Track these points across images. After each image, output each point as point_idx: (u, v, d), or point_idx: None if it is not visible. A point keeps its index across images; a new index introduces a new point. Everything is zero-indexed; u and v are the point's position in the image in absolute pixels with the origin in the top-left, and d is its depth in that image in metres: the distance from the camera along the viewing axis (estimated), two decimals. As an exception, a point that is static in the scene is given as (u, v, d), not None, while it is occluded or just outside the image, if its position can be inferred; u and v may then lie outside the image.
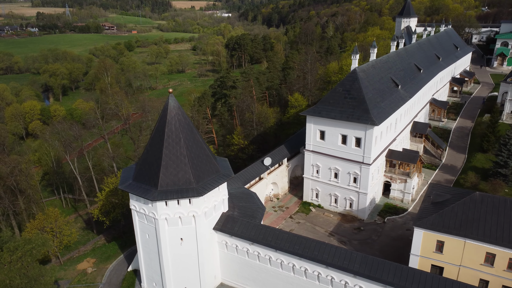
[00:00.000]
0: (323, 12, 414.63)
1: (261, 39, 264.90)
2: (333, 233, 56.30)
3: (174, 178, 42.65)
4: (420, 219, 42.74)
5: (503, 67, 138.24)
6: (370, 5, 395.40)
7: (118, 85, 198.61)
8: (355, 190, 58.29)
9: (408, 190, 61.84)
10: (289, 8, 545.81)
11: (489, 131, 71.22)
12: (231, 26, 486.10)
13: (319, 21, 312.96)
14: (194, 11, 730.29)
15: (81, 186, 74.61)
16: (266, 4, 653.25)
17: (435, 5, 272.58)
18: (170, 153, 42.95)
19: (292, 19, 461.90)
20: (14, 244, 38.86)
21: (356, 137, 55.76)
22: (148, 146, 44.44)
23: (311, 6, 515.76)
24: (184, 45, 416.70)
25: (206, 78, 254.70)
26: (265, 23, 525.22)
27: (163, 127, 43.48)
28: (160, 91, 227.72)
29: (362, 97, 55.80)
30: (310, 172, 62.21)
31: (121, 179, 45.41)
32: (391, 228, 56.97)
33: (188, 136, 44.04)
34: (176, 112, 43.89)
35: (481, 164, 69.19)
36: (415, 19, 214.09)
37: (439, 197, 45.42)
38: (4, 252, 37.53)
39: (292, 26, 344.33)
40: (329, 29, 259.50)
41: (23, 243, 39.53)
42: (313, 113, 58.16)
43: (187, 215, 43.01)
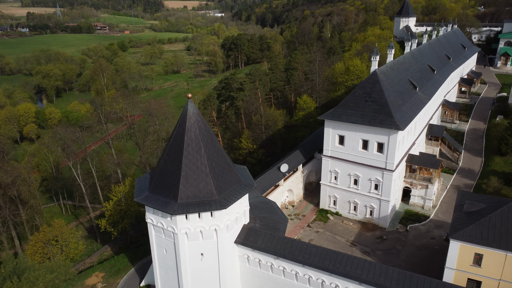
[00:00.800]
0: (318, 12, 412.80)
1: (257, 39, 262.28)
2: (355, 243, 53.80)
3: (195, 189, 39.73)
4: (456, 231, 40.37)
5: (507, 67, 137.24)
6: (365, 4, 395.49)
7: (114, 86, 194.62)
8: (376, 198, 55.86)
9: (429, 196, 59.59)
10: (283, 8, 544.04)
11: (507, 133, 69.30)
12: (225, 26, 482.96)
13: (316, 20, 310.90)
14: (186, 11, 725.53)
15: (84, 194, 71.23)
16: (259, 4, 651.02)
17: (431, 5, 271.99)
18: (190, 162, 40.04)
19: (287, 19, 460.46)
20: (35, 274, 34.79)
21: (379, 142, 53.31)
22: (166, 155, 41.46)
23: (305, 5, 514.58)
24: (178, 45, 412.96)
25: (203, 78, 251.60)
26: (259, 23, 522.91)
27: (182, 135, 40.55)
28: (157, 92, 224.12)
29: (384, 100, 53.37)
30: (328, 179, 59.66)
31: (136, 191, 42.42)
32: (415, 236, 54.63)
33: (208, 144, 41.18)
34: (196, 118, 40.99)
35: (501, 168, 67.28)
36: (414, 18, 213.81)
37: (472, 206, 43.14)
38: (23, 282, 33.52)
39: (287, 26, 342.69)
40: (326, 29, 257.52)
41: (44, 271, 35.68)
42: (332, 117, 55.62)
43: (209, 229, 40.12)
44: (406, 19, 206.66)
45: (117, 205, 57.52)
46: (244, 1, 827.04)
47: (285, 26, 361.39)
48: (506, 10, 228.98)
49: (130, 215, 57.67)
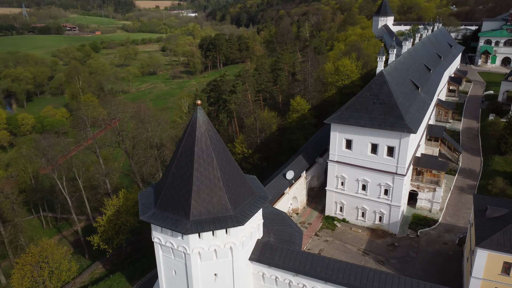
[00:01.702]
0: (294, 12, 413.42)
1: (236, 39, 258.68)
2: (367, 252, 51.61)
3: (208, 205, 36.22)
4: (483, 239, 38.66)
5: (487, 65, 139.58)
6: (340, 4, 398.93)
7: (90, 90, 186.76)
8: (386, 203, 53.85)
9: (437, 199, 58.19)
10: (258, 8, 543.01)
11: (506, 132, 68.97)
12: (200, 26, 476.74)
13: (293, 20, 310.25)
14: (159, 10, 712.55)
15: (70, 207, 66.09)
16: (233, 3, 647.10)
17: (406, 4, 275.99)
18: (202, 176, 36.49)
19: (262, 19, 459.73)
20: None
21: (389, 146, 51.28)
22: (174, 169, 37.69)
23: (280, 5, 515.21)
24: (152, 46, 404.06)
25: (181, 80, 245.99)
26: (234, 22, 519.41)
27: (191, 145, 36.91)
28: (134, 94, 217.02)
29: (394, 102, 51.39)
30: (334, 184, 57.26)
31: (140, 208, 38.44)
32: (427, 242, 52.97)
33: (220, 155, 37.75)
34: (206, 127, 37.44)
35: (502, 168, 66.85)
36: (392, 17, 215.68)
37: (495, 212, 41.61)
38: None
39: (263, 26, 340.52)
40: (304, 28, 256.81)
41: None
42: (340, 121, 53.21)
43: (224, 247, 36.71)
44: (384, 18, 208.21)
45: (111, 219, 53.14)
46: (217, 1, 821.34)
47: (262, 25, 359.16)
48: (479, 9, 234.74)
49: (125, 230, 53.41)
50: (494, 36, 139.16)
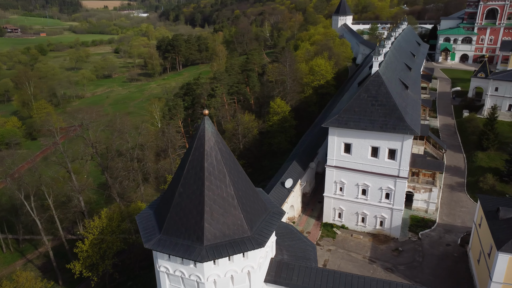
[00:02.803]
0: (250, 11, 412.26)
1: (195, 40, 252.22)
2: (373, 259, 49.78)
3: (223, 226, 32.30)
4: (502, 242, 37.73)
5: (447, 62, 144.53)
6: (295, 3, 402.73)
7: (42, 96, 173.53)
8: (387, 207, 52.35)
9: (433, 199, 57.67)
10: (212, 8, 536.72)
11: (487, 128, 70.23)
12: (153, 26, 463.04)
13: (253, 20, 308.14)
14: (108, 11, 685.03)
15: (40, 230, 58.98)
16: (187, 3, 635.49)
17: (361, 3, 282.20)
18: (214, 194, 32.50)
19: (217, 18, 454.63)
20: None
21: (390, 149, 49.72)
22: (181, 187, 33.34)
23: (234, 5, 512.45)
24: (104, 48, 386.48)
25: (139, 83, 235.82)
26: (188, 23, 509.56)
27: (200, 161, 32.78)
28: (90, 99, 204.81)
29: (393, 103, 49.91)
30: (332, 190, 55.02)
31: (142, 234, 33.73)
32: (430, 244, 52.05)
33: (232, 170, 33.93)
34: (216, 139, 33.46)
35: (487, 164, 67.92)
36: (351, 17, 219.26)
37: (508, 213, 40.96)
38: None
39: (220, 26, 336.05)
40: (264, 28, 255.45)
41: None
42: (339, 124, 50.96)
43: (241, 272, 32.99)
44: (343, 18, 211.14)
45: (95, 243, 47.51)
46: (169, 1, 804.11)
47: (218, 25, 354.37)
48: (430, 7, 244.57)
49: (111, 254, 48.00)
50: (452, 34, 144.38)
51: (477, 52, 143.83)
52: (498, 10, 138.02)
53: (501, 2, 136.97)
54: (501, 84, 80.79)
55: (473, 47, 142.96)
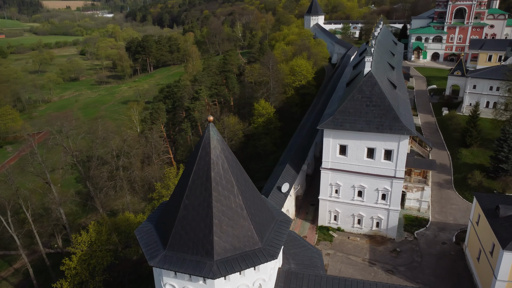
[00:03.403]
0: (219, 12, 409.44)
1: (166, 41, 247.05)
2: (373, 261, 49.26)
3: (233, 239, 30.47)
4: (507, 240, 37.87)
5: (420, 60, 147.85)
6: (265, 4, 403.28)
7: (5, 101, 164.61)
8: (384, 208, 52.03)
9: (426, 198, 58.00)
10: (180, 8, 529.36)
11: (470, 126, 71.62)
12: (120, 27, 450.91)
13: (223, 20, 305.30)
14: (71, 11, 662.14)
15: (19, 246, 54.70)
16: (153, 3, 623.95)
17: (331, 3, 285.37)
18: (223, 205, 30.62)
19: (186, 19, 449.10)
20: None
21: (386, 150, 49.37)
22: (186, 199, 31.27)
23: (203, 5, 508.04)
24: (69, 50, 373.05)
25: (109, 85, 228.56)
26: (156, 23, 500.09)
27: (206, 170, 30.78)
28: (58, 103, 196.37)
29: (388, 103, 49.57)
30: (328, 193, 54.19)
31: (145, 250, 31.41)
32: (426, 244, 52.14)
33: (239, 178, 32.17)
34: (222, 147, 31.57)
35: (471, 160, 69.24)
36: (322, 17, 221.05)
37: (508, 210, 41.32)
38: None
39: (190, 26, 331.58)
40: (237, 28, 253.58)
41: None
42: (334, 126, 50.12)
43: (252, 286, 31.38)
44: (315, 17, 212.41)
45: (83, 260, 44.44)
46: (135, 1, 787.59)
47: (188, 26, 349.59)
48: (398, 7, 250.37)
49: (101, 270, 45.05)
50: (423, 33, 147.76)
51: (447, 51, 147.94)
52: (466, 9, 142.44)
53: (469, 2, 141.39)
54: (479, 81, 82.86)
55: (444, 46, 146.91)
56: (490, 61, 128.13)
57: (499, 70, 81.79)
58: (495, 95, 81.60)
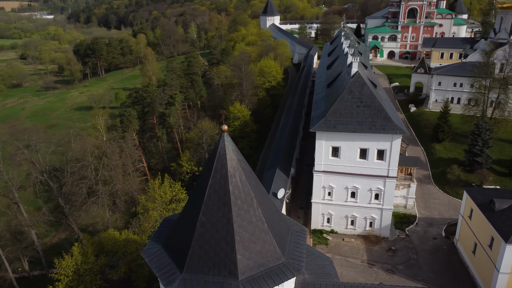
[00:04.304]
0: (169, 12, 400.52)
1: (117, 43, 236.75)
2: (371, 262, 49.17)
3: (256, 256, 28.46)
4: (508, 234, 38.98)
5: (377, 59, 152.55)
6: (216, 4, 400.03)
7: None
8: (377, 208, 52.19)
9: (412, 195, 59.03)
10: (126, 8, 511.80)
11: (442, 121, 74.20)
12: (63, 29, 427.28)
13: (175, 21, 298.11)
14: (5, 13, 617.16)
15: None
16: (97, 4, 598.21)
17: (284, 4, 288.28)
18: (243, 220, 28.53)
19: (134, 20, 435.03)
20: None
21: (379, 150, 49.46)
22: (202, 216, 28.70)
23: (151, 5, 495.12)
24: (7, 54, 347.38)
25: (58, 91, 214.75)
26: (102, 24, 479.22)
27: (223, 184, 28.46)
28: (2, 112, 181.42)
29: (378, 104, 49.71)
30: (321, 196, 53.48)
31: (160, 275, 28.59)
32: (419, 240, 52.95)
33: (256, 190, 30.28)
34: (238, 158, 29.49)
35: (446, 155, 71.72)
36: (278, 17, 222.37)
37: (503, 203, 42.66)
38: None
39: (139, 27, 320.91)
40: (191, 29, 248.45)
41: None
42: (327, 128, 49.43)
43: (277, 303, 29.70)
44: (271, 18, 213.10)
45: (70, 286, 40.27)
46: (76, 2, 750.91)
47: (137, 27, 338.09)
48: (349, 7, 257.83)
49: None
50: (379, 32, 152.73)
51: (402, 49, 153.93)
52: (418, 9, 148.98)
53: (420, 2, 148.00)
54: (444, 78, 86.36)
55: (399, 44, 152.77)
56: (443, 58, 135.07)
57: (461, 67, 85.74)
58: (459, 91, 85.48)
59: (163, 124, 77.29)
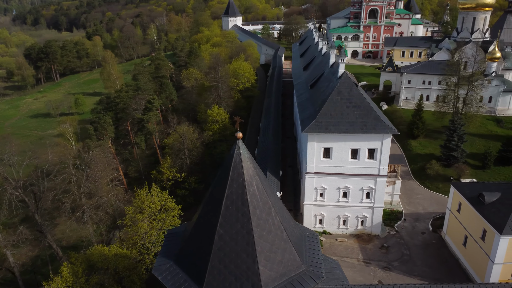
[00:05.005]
0: (124, 14, 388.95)
1: (72, 46, 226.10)
2: (367, 261, 49.66)
3: (278, 266, 27.62)
4: (501, 226, 40.61)
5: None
6: (173, 5, 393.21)
7: None
8: (369, 206, 52.85)
9: (397, 191, 60.36)
10: (77, 10, 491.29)
11: (416, 118, 76.61)
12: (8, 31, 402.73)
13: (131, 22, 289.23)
14: None
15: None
16: (44, 5, 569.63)
17: (243, 5, 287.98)
18: (263, 230, 27.59)
19: (87, 22, 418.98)
20: None
21: (370, 149, 50.06)
22: (220, 228, 27.51)
23: (103, 6, 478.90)
24: None
25: (9, 98, 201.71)
26: (51, 26, 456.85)
27: (241, 193, 27.36)
28: None
29: (367, 104, 50.42)
30: (313, 197, 53.38)
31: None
32: (409, 236, 54.17)
33: (272, 197, 29.49)
34: (253, 165, 28.54)
35: (422, 150, 74.11)
36: (240, 18, 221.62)
37: (491, 197, 44.40)
38: None
39: (94, 29, 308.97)
40: (151, 31, 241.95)
41: None
42: (319, 130, 49.37)
43: (298, 312, 28.99)
44: (233, 19, 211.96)
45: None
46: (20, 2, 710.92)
47: (91, 29, 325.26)
48: (309, 8, 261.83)
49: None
50: (342, 32, 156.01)
51: (365, 48, 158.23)
52: (378, 10, 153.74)
53: (380, 3, 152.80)
54: (413, 77, 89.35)
55: (361, 44, 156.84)
56: (404, 57, 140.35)
57: (429, 66, 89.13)
58: (428, 89, 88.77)
59: (142, 130, 74.08)
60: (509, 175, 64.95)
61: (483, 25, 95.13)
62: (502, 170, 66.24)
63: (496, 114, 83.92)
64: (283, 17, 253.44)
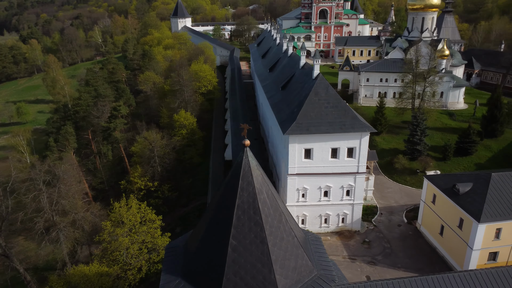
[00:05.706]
0: (62, 15, 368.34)
1: (8, 50, 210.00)
2: (352, 257, 50.75)
3: (293, 273, 27.35)
4: (478, 214, 43.19)
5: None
6: (114, 6, 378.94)
7: None
8: (349, 203, 54.07)
9: (370, 187, 62.34)
10: (7, 11, 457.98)
11: (379, 115, 79.67)
12: None
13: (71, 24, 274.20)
14: None
15: None
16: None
17: (190, 6, 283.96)
18: (276, 238, 27.19)
19: (19, 24, 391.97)
20: None
21: (349, 148, 51.21)
22: (233, 240, 26.65)
23: (37, 8, 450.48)
24: None
25: None
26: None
27: (252, 202, 26.73)
28: None
29: (344, 104, 51.71)
30: (295, 199, 53.63)
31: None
32: (386, 229, 56.15)
33: (281, 203, 29.15)
34: (261, 172, 28.03)
35: (387, 145, 77.21)
36: (189, 19, 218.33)
37: (465, 187, 47.11)
38: None
39: (29, 32, 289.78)
40: (95, 33, 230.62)
41: None
42: (300, 131, 49.63)
43: (311, 316, 28.90)
44: (183, 20, 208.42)
45: None
46: None
47: (25, 32, 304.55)
48: (255, 8, 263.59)
49: None
50: (295, 33, 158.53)
51: (317, 48, 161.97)
52: (328, 10, 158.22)
53: (329, 4, 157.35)
54: (371, 75, 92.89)
55: (313, 44, 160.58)
56: (354, 55, 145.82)
57: (386, 64, 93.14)
58: (385, 86, 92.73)
59: (107, 139, 69.92)
60: (468, 165, 69.55)
61: (431, 25, 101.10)
62: (461, 161, 70.77)
63: (448, 108, 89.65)
64: (231, 18, 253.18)
